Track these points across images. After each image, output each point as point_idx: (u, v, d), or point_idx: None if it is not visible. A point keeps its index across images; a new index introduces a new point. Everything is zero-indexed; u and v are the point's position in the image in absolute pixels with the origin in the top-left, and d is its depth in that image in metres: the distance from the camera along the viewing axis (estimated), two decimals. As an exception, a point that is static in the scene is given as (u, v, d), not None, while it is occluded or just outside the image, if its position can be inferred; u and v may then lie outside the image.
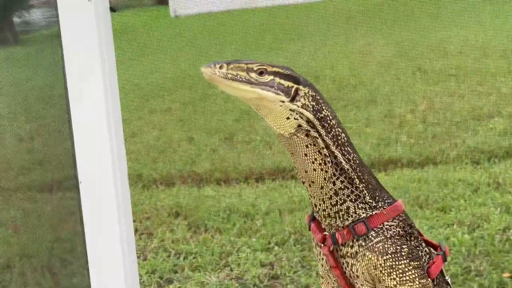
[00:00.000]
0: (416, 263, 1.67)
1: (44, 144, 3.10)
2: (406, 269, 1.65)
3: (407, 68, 7.14)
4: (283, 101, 1.62)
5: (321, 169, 1.65)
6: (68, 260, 2.95)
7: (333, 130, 1.66)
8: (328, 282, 1.85)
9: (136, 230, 4.66)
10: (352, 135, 5.97)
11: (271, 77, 1.62)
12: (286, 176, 5.34)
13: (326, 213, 1.70)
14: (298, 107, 1.63)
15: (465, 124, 6.00)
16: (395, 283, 1.65)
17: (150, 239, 4.52)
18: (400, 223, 1.70)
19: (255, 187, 5.31)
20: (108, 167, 2.20)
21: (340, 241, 1.69)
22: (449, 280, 1.80)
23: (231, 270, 4.07)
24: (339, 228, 1.69)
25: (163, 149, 6.19)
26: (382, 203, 1.71)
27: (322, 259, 1.77)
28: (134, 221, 4.78)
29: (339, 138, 1.67)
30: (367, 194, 1.69)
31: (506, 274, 3.75)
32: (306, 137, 1.64)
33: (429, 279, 1.68)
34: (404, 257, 1.66)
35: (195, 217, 4.78)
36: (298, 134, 1.63)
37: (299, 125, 1.63)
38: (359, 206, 1.69)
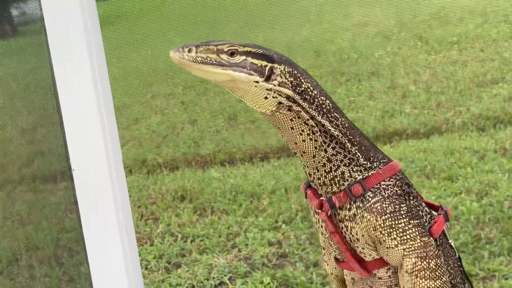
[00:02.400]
0: (416, 221, 1.63)
1: (44, 135, 3.07)
2: (406, 228, 1.61)
3: (408, 38, 7.07)
4: (257, 82, 1.57)
5: (310, 139, 1.62)
6: (67, 250, 2.93)
7: (316, 100, 1.62)
8: (329, 252, 1.82)
9: (141, 216, 4.64)
10: (356, 109, 5.95)
11: (243, 57, 1.57)
12: (291, 154, 5.30)
13: (321, 181, 1.66)
14: (275, 85, 1.58)
15: (469, 91, 5.94)
16: (396, 242, 1.61)
17: (156, 224, 4.50)
18: (398, 182, 1.66)
19: (260, 166, 5.28)
20: (101, 154, 2.17)
21: (337, 204, 1.65)
22: (452, 244, 1.76)
23: (239, 251, 4.05)
24: (336, 193, 1.66)
25: (167, 133, 6.16)
26: (378, 163, 1.67)
27: (321, 226, 1.74)
28: (139, 206, 4.79)
29: (324, 106, 1.63)
30: (360, 156, 1.66)
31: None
32: (289, 112, 1.60)
33: (431, 238, 1.64)
34: (404, 216, 1.62)
35: (200, 200, 4.76)
36: (280, 111, 1.59)
37: (280, 102, 1.59)
38: (354, 169, 1.65)
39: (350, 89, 6.35)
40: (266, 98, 1.58)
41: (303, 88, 1.61)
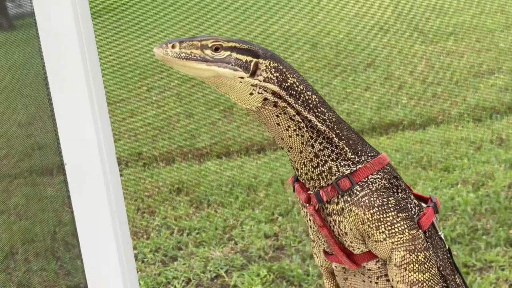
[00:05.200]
0: (405, 214, 1.62)
1: (36, 129, 3.07)
2: (395, 221, 1.60)
3: (404, 29, 7.06)
4: (242, 77, 1.55)
5: (297, 135, 1.61)
6: (63, 244, 2.92)
7: (302, 95, 1.60)
8: (319, 245, 1.81)
9: (138, 209, 4.63)
10: (352, 100, 5.92)
11: (228, 52, 1.55)
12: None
13: (309, 176, 1.65)
14: (260, 81, 1.56)
15: (465, 82, 5.93)
16: (384, 236, 1.61)
17: (153, 217, 4.49)
18: (386, 175, 1.65)
19: (257, 158, 5.27)
20: (94, 148, 2.15)
21: (324, 198, 1.64)
22: (442, 236, 1.76)
23: (236, 243, 4.04)
24: (324, 187, 1.65)
25: (162, 126, 6.15)
26: (366, 156, 1.66)
27: (310, 220, 1.73)
28: (135, 200, 4.78)
29: (310, 101, 1.61)
30: (348, 150, 1.64)
31: (512, 231, 3.72)
32: (274, 108, 1.58)
33: (420, 231, 1.64)
34: (392, 209, 1.61)
35: (197, 193, 4.75)
36: (266, 107, 1.57)
37: (265, 98, 1.57)
38: (342, 164, 1.64)
39: (346, 81, 6.34)
40: (251, 94, 1.56)
41: (289, 83, 1.59)
